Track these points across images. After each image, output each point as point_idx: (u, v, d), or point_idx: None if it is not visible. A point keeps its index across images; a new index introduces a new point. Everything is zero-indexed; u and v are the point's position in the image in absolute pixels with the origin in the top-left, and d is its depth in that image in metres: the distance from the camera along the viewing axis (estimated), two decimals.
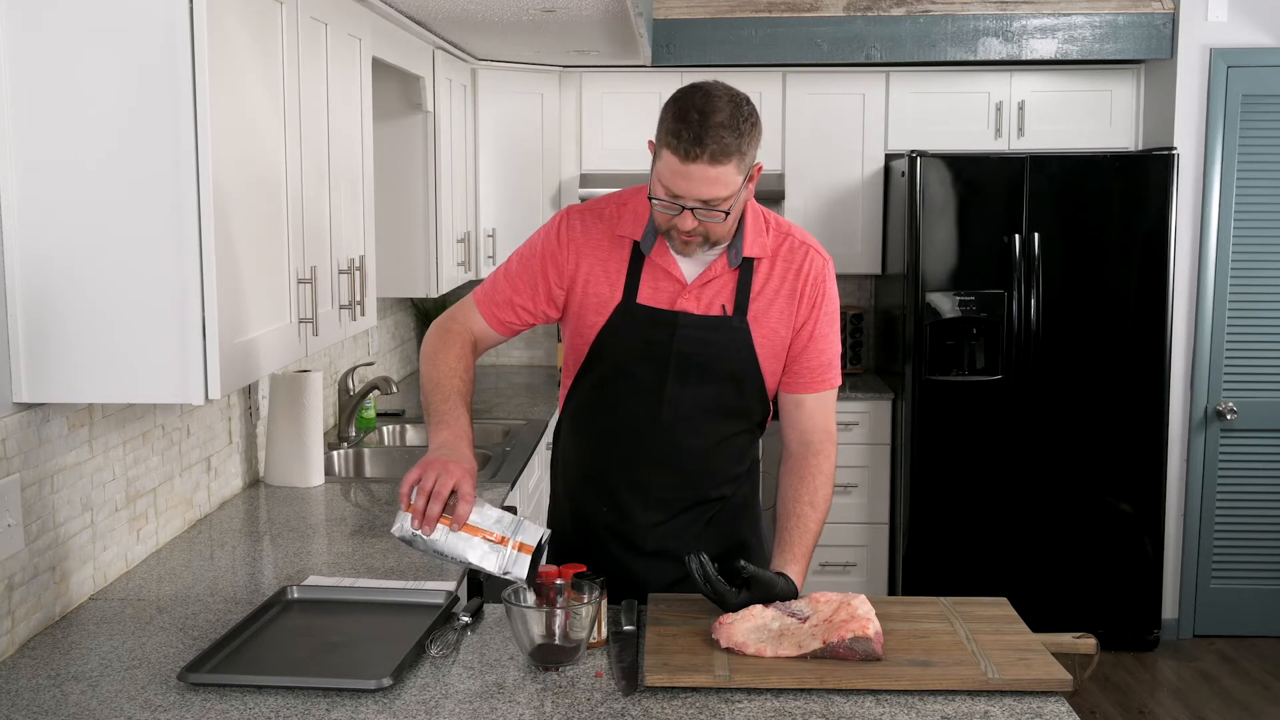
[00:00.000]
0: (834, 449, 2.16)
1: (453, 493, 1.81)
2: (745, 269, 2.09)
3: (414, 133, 3.89)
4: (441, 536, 1.80)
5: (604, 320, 2.10)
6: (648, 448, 2.13)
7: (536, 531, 1.83)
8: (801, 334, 2.12)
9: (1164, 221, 4.42)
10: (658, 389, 2.10)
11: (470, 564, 1.80)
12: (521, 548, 1.81)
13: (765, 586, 1.92)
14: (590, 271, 2.11)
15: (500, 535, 1.81)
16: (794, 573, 2.01)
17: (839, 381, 2.18)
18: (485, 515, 1.82)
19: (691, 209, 1.93)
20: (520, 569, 1.80)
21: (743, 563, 1.93)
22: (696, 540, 2.14)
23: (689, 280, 2.08)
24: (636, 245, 2.09)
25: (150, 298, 1.87)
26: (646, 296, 2.08)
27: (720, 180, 1.90)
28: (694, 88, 1.94)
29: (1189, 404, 4.67)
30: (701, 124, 1.87)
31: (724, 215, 1.95)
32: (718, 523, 2.20)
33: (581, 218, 2.13)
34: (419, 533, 1.79)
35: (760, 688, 1.71)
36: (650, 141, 1.99)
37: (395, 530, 1.82)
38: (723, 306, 2.08)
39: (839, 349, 2.16)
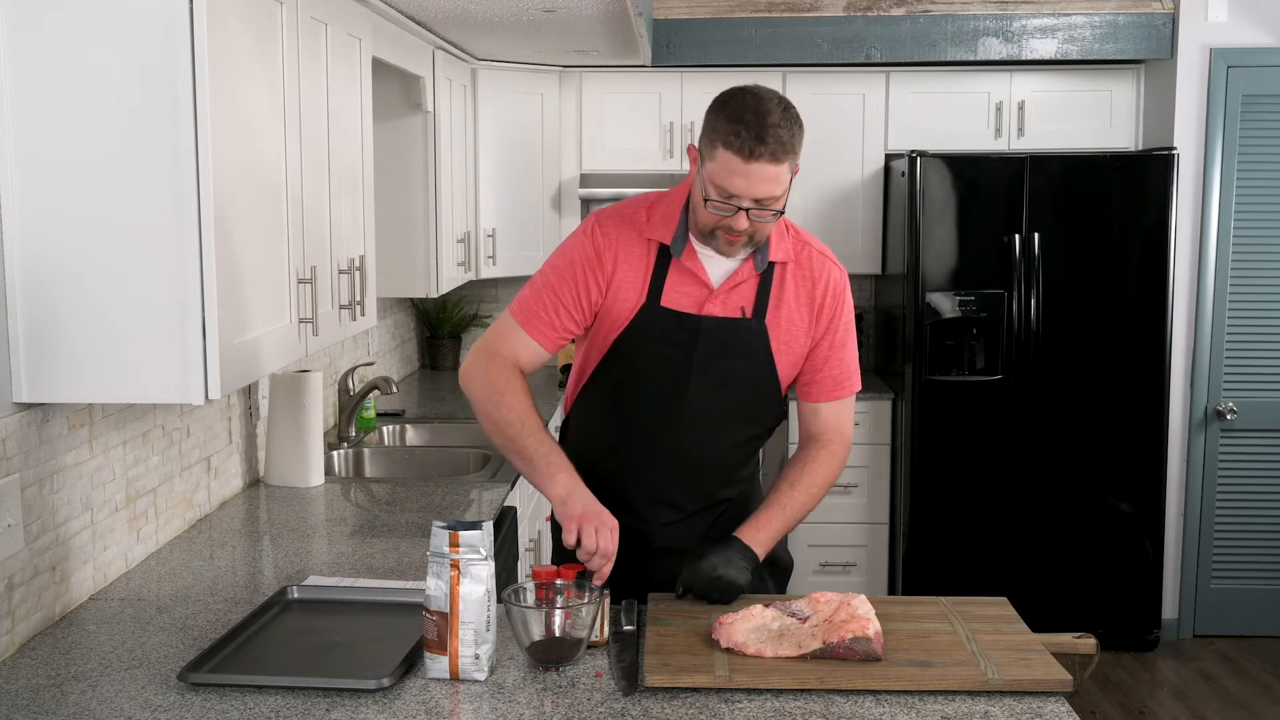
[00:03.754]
0: (841, 449, 2.18)
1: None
2: (767, 273, 2.10)
3: (414, 133, 3.88)
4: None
5: (626, 322, 2.10)
6: (664, 450, 2.15)
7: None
8: (822, 345, 2.14)
9: (1164, 221, 4.42)
10: (678, 392, 2.11)
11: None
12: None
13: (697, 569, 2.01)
14: (623, 275, 2.10)
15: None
16: (748, 537, 2.07)
17: (858, 387, 2.21)
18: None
19: (746, 209, 1.95)
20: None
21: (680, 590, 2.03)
22: (704, 538, 2.18)
23: (715, 285, 2.09)
24: (663, 249, 2.09)
25: (150, 298, 1.87)
26: (671, 300, 2.09)
27: (778, 178, 1.95)
28: (742, 90, 1.98)
29: (1189, 404, 4.67)
30: (759, 124, 1.91)
31: (774, 215, 1.98)
32: (723, 522, 2.22)
33: (612, 221, 2.13)
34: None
35: (760, 688, 1.71)
36: (691, 146, 2.02)
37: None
38: (742, 309, 2.09)
39: (856, 356, 2.20)
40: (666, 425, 2.13)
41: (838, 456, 2.17)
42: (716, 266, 2.10)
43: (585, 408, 2.24)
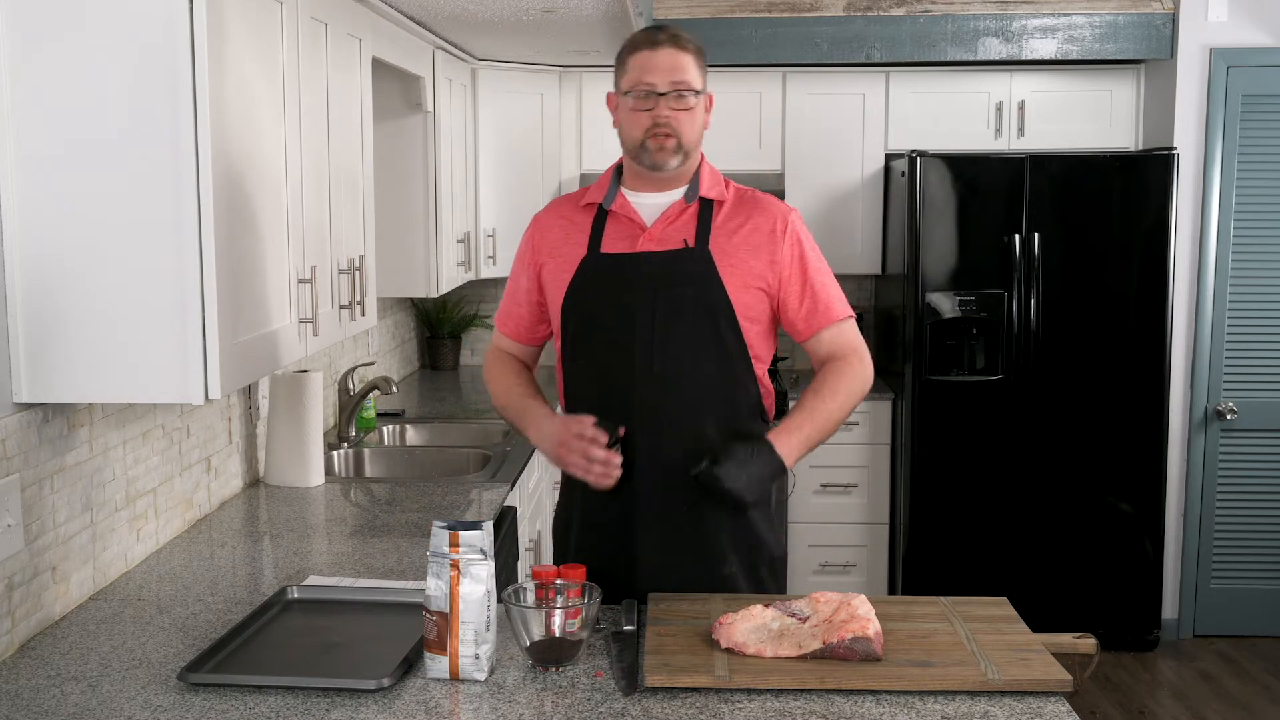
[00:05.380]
0: (858, 362, 2.20)
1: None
2: (705, 209, 2.19)
3: (414, 133, 3.89)
4: None
5: (571, 275, 2.20)
6: (640, 400, 2.14)
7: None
8: (795, 281, 2.17)
9: (1164, 221, 4.42)
10: (628, 329, 2.14)
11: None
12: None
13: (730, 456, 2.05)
14: (557, 239, 2.24)
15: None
16: (779, 441, 2.09)
17: (850, 313, 2.23)
18: None
19: (664, 94, 2.10)
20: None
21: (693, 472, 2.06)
22: (701, 516, 2.15)
23: (649, 224, 2.18)
24: (600, 209, 2.21)
25: (150, 298, 1.87)
26: (609, 246, 2.19)
27: (686, 67, 2.12)
28: None
29: (1189, 404, 4.67)
30: (654, 28, 2.16)
31: (691, 106, 2.12)
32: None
33: (550, 204, 2.34)
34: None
35: (760, 688, 1.71)
36: (610, 94, 2.19)
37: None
38: (684, 241, 2.17)
39: (838, 287, 2.24)
40: (627, 369, 2.14)
41: (856, 367, 2.19)
42: (648, 210, 2.20)
43: (566, 386, 2.28)
